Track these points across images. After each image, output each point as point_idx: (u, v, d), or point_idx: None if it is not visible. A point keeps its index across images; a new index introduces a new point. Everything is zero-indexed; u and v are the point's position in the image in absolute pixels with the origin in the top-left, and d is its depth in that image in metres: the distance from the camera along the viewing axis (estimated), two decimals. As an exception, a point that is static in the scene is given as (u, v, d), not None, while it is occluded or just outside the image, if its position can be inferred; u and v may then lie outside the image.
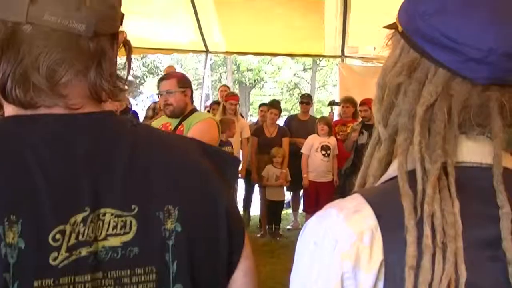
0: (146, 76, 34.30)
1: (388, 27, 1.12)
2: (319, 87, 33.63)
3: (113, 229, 1.04)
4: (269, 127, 8.97)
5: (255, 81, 34.87)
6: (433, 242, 0.91)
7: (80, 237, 1.01)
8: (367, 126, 8.16)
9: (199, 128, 4.71)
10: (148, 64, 33.88)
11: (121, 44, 1.17)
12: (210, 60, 12.30)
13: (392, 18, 1.10)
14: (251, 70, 33.33)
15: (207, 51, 11.51)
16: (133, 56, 1.20)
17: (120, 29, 1.16)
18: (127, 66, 1.19)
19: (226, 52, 11.95)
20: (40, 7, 1.01)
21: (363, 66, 11.66)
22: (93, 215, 1.02)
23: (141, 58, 32.91)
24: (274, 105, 9.42)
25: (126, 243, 1.05)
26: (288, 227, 9.58)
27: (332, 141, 8.49)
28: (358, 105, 8.53)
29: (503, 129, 0.99)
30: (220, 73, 34.46)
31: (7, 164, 1.00)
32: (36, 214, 0.98)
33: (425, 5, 1.00)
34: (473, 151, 1.01)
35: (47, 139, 1.04)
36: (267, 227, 8.93)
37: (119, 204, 1.05)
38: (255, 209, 9.72)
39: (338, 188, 8.30)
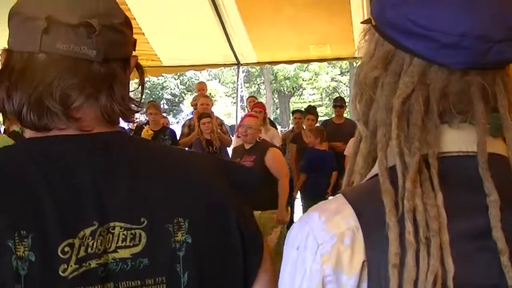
0: (185, 94, 34.66)
1: (364, 22, 1.10)
2: (358, 89, 33.54)
3: (122, 242, 1.09)
4: (307, 133, 8.94)
5: (293, 89, 34.95)
6: (415, 237, 0.88)
7: (89, 250, 1.05)
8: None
9: None
10: (186, 82, 34.25)
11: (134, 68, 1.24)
12: (243, 72, 12.30)
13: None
14: (288, 78, 33.41)
15: (238, 64, 11.55)
16: (169, 75, 1.24)
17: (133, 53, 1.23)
18: (140, 88, 1.26)
19: (258, 62, 11.97)
20: (52, 37, 1.08)
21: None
22: (102, 229, 1.07)
23: (178, 77, 33.31)
24: (310, 111, 9.41)
25: (136, 254, 1.09)
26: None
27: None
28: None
29: (486, 114, 0.95)
30: (258, 84, 34.60)
31: (17, 182, 1.06)
32: (45, 229, 1.02)
33: None
34: (457, 140, 0.97)
35: (54, 158, 1.10)
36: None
37: (128, 217, 1.10)
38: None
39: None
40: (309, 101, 33.45)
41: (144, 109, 8.22)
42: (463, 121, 0.97)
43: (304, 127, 9.22)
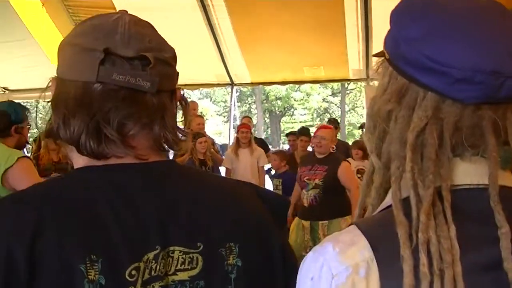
0: (177, 112, 34.69)
1: (377, 55, 1.12)
2: (349, 110, 33.64)
3: (181, 265, 1.16)
4: (301, 154, 8.97)
5: (284, 109, 35.03)
6: (429, 269, 0.89)
7: (152, 273, 1.13)
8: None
9: None
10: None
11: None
12: (237, 92, 12.36)
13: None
14: (280, 98, 33.50)
15: (232, 84, 11.61)
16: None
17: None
18: (184, 120, 1.32)
19: (251, 83, 12.03)
20: (109, 68, 1.15)
21: (389, 87, 11.65)
22: (164, 253, 1.14)
23: (170, 95, 33.31)
24: (304, 133, 9.43)
25: (193, 277, 1.17)
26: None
27: (367, 164, 8.43)
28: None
29: (498, 147, 0.97)
30: (249, 103, 34.67)
31: (85, 210, 1.12)
32: (113, 254, 1.09)
33: (410, 30, 0.99)
34: (469, 173, 0.99)
35: (119, 186, 1.17)
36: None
37: (186, 242, 1.18)
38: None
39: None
40: (300, 121, 33.54)
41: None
42: (475, 154, 0.99)
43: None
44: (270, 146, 10.53)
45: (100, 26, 1.20)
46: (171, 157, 1.38)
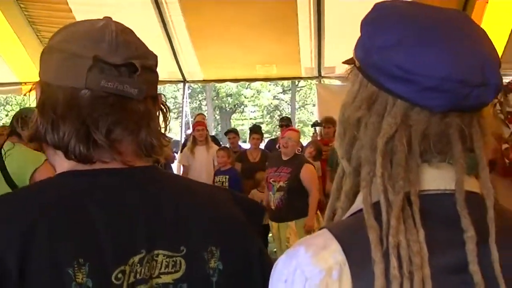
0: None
1: (346, 62, 1.14)
2: (299, 107, 33.80)
3: (165, 268, 1.20)
4: (253, 152, 8.99)
5: (235, 106, 35.00)
6: (400, 271, 0.92)
7: (137, 276, 1.16)
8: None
9: None
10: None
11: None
12: (189, 89, 12.32)
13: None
14: (230, 95, 33.46)
15: (184, 81, 11.56)
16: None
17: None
18: (165, 125, 1.34)
19: (204, 80, 12.01)
20: (97, 75, 1.18)
21: (341, 85, 11.75)
22: (148, 256, 1.18)
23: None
24: (255, 130, 9.44)
25: (177, 280, 1.21)
26: (275, 250, 9.57)
27: (316, 164, 8.49)
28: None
29: (464, 154, 1.01)
30: (199, 100, 34.54)
31: (75, 215, 1.15)
32: (100, 258, 1.13)
33: (381, 40, 1.02)
34: (436, 179, 1.02)
35: (107, 190, 1.20)
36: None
37: (170, 246, 1.21)
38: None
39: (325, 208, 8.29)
40: (251, 118, 33.61)
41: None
42: (442, 160, 1.02)
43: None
44: (221, 143, 10.52)
45: (88, 33, 1.22)
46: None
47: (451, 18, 1.04)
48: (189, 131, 10.80)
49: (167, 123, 1.36)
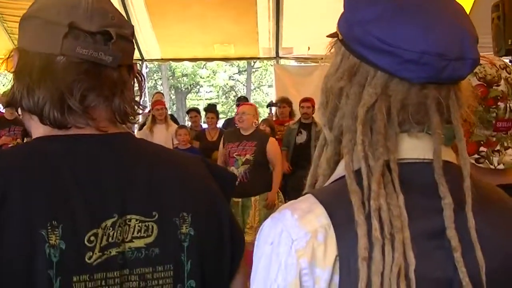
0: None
1: (330, 36, 1.18)
2: (255, 88, 33.74)
3: (137, 232, 1.23)
4: (210, 131, 9.00)
5: (190, 86, 34.74)
6: (381, 234, 0.97)
7: (110, 239, 1.19)
8: (304, 125, 8.26)
9: None
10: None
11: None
12: (146, 68, 12.21)
13: (323, 17, 1.16)
14: (186, 75, 33.20)
15: (142, 59, 11.47)
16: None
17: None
18: (140, 93, 1.39)
19: (162, 59, 11.92)
20: (72, 41, 1.20)
21: (298, 66, 11.82)
22: (121, 221, 1.21)
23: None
24: (210, 109, 9.47)
25: (149, 244, 1.24)
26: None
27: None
28: (299, 104, 8.63)
29: (441, 125, 1.05)
30: (155, 80, 34.20)
31: (47, 178, 1.17)
32: (73, 220, 1.16)
33: (363, 13, 1.06)
34: (415, 148, 1.07)
35: (81, 155, 1.23)
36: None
37: (142, 211, 1.24)
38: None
39: (281, 188, 8.36)
40: (206, 99, 33.43)
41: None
42: (421, 130, 1.07)
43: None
44: (179, 122, 10.48)
45: (64, 0, 1.23)
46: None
47: None
48: (146, 110, 10.72)
49: (142, 91, 1.39)
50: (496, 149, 1.55)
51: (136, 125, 8.28)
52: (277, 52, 11.29)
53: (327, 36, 1.19)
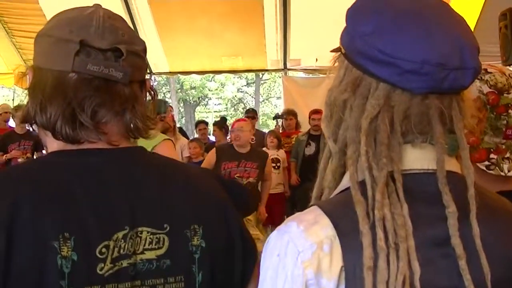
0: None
1: (334, 50, 1.20)
2: (263, 100, 33.77)
3: (149, 244, 1.25)
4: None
5: (199, 98, 34.82)
6: (386, 243, 0.98)
7: (121, 251, 1.21)
8: (313, 137, 8.26)
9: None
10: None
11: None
12: (154, 81, 12.24)
13: (330, 28, 1.18)
14: (194, 88, 33.29)
15: (150, 73, 11.48)
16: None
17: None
18: (153, 108, 1.41)
19: (170, 72, 11.95)
20: (84, 58, 1.23)
21: (306, 78, 11.83)
22: (132, 233, 1.23)
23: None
24: (220, 124, 9.60)
25: (160, 256, 1.26)
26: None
27: (281, 154, 8.52)
28: (308, 116, 8.66)
29: (444, 134, 1.07)
30: (164, 93, 34.30)
31: (61, 191, 1.20)
32: (85, 232, 1.18)
33: (363, 26, 1.07)
34: (418, 158, 1.08)
35: (92, 169, 1.25)
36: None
37: (154, 223, 1.27)
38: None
39: (289, 199, 8.36)
40: (215, 111, 33.50)
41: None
42: (424, 141, 1.08)
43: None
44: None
45: (75, 19, 1.27)
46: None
47: (430, 5, 1.10)
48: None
49: (155, 106, 1.42)
50: (506, 157, 1.56)
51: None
52: (285, 64, 11.29)
53: (331, 51, 1.21)
